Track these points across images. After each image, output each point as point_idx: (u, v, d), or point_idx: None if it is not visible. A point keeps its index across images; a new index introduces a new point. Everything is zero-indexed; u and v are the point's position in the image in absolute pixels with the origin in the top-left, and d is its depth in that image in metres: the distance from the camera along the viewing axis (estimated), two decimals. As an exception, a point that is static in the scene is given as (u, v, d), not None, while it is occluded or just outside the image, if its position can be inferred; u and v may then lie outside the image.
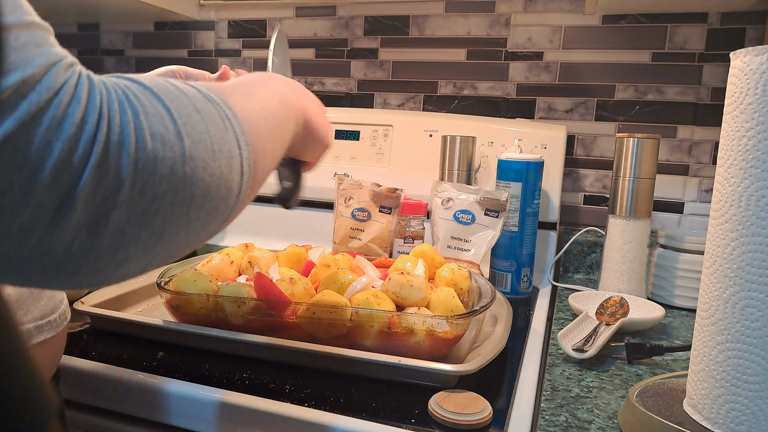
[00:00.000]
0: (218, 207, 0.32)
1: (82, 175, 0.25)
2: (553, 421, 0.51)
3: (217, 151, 0.31)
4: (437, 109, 1.18)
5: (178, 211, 0.29)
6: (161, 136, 0.27)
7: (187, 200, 0.29)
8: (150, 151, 0.27)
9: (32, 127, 0.23)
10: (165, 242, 0.29)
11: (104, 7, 1.24)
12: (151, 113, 0.28)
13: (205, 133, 0.30)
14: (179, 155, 0.28)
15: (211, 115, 0.31)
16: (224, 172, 0.31)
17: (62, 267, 0.26)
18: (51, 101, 0.24)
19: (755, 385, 0.42)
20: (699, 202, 1.04)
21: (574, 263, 1.07)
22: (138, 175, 0.26)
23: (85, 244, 0.26)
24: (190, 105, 0.30)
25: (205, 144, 0.30)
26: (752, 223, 0.42)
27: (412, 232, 0.94)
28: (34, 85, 0.24)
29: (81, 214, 0.25)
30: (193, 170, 0.29)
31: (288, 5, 1.24)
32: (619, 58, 1.05)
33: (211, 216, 0.31)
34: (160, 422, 0.56)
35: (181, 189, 0.28)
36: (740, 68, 0.43)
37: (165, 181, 0.27)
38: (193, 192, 0.29)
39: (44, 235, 0.25)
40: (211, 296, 0.62)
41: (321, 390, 0.55)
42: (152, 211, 0.27)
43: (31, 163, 0.23)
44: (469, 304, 0.68)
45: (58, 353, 0.50)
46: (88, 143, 0.25)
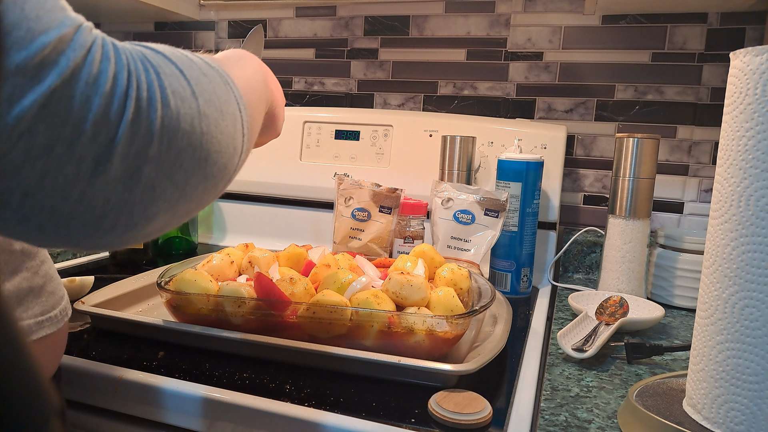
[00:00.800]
0: (227, 164, 0.33)
1: (118, 129, 0.26)
2: (553, 420, 0.51)
3: (225, 111, 0.33)
4: (437, 109, 1.18)
5: (197, 165, 0.30)
6: (180, 94, 0.29)
7: (204, 156, 0.31)
8: (173, 107, 0.28)
9: (73, 83, 0.24)
10: (187, 197, 0.31)
11: (104, 7, 1.24)
12: (168, 74, 0.29)
13: (213, 94, 0.32)
14: (196, 112, 0.30)
15: (216, 80, 0.33)
16: (231, 131, 0.33)
17: (101, 221, 0.27)
18: (85, 58, 0.25)
19: (755, 385, 0.42)
20: (699, 202, 1.04)
21: (573, 263, 1.07)
22: (165, 130, 0.28)
23: (122, 197, 0.27)
24: (197, 69, 0.32)
25: (215, 104, 0.32)
26: (752, 223, 0.42)
27: (412, 232, 0.94)
28: (69, 42, 0.25)
29: (118, 168, 0.26)
30: (207, 127, 0.31)
31: (288, 5, 1.24)
32: (618, 58, 1.05)
33: (222, 173, 0.33)
34: (160, 422, 0.56)
35: (199, 145, 0.30)
36: (740, 68, 0.43)
37: (186, 136, 0.29)
38: (209, 148, 0.31)
39: (86, 187, 0.26)
40: (211, 296, 0.62)
41: (321, 390, 0.55)
42: (177, 165, 0.29)
43: (74, 118, 0.24)
44: (469, 304, 0.68)
45: (59, 350, 0.50)
46: (122, 99, 0.26)
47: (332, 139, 1.13)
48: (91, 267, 0.99)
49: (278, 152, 1.15)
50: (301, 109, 1.18)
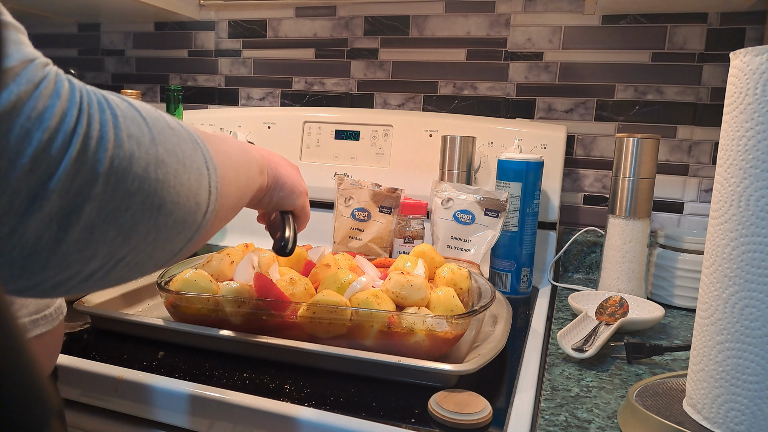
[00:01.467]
0: (186, 219, 0.32)
1: (59, 165, 0.25)
2: (553, 420, 0.51)
3: (188, 165, 0.32)
4: (437, 109, 1.18)
5: (147, 212, 0.29)
6: (137, 138, 0.29)
7: (157, 204, 0.30)
8: (126, 149, 0.28)
9: (12, 117, 0.24)
10: (131, 245, 0.30)
11: (104, 7, 1.24)
12: (129, 117, 0.29)
13: (177, 146, 0.32)
14: (153, 158, 0.29)
15: (183, 136, 0.33)
16: (193, 185, 0.32)
17: (30, 260, 0.26)
18: (31, 93, 0.25)
19: (754, 385, 0.42)
20: (699, 202, 1.04)
21: (573, 263, 1.07)
22: (113, 171, 0.27)
23: (55, 236, 0.26)
24: (164, 122, 0.32)
25: (177, 155, 0.31)
26: (752, 223, 0.42)
27: (412, 232, 0.94)
28: (14, 77, 0.24)
29: (55, 205, 0.25)
30: (165, 175, 0.30)
31: (288, 5, 1.24)
32: (618, 58, 1.05)
33: (178, 227, 0.32)
34: (160, 422, 0.56)
35: (152, 191, 0.29)
36: (740, 68, 0.43)
37: (138, 180, 0.28)
38: (163, 196, 0.30)
39: (17, 224, 0.25)
40: (211, 296, 0.62)
41: (321, 390, 0.55)
42: (123, 209, 0.28)
43: (10, 151, 0.24)
44: (469, 304, 0.68)
45: (55, 349, 0.50)
46: (67, 135, 0.25)
47: (332, 139, 1.13)
48: (91, 267, 0.99)
49: (278, 152, 1.14)
50: (301, 109, 1.18)
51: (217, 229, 0.38)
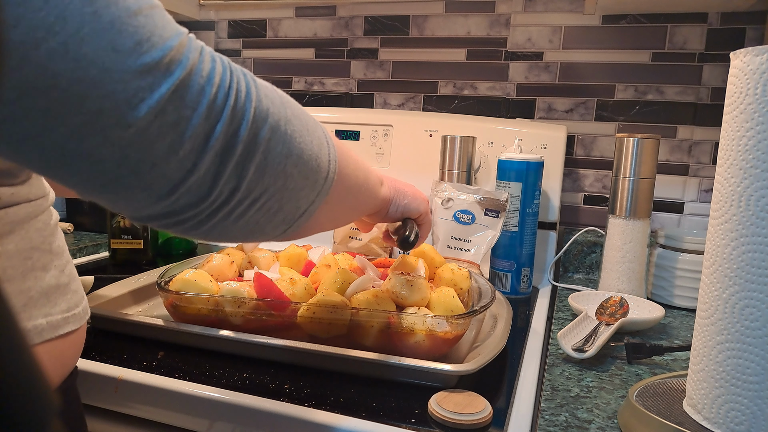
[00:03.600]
0: (309, 176, 0.38)
1: (222, 113, 0.31)
2: (553, 420, 0.51)
3: (311, 131, 0.38)
4: (437, 109, 1.18)
5: (278, 157, 0.35)
6: (270, 99, 0.35)
7: (285, 153, 0.35)
8: (264, 105, 0.34)
9: (193, 75, 0.30)
10: (265, 185, 0.35)
11: (104, 7, 1.23)
12: (261, 85, 0.35)
13: (302, 116, 0.38)
14: (283, 117, 0.36)
15: (306, 113, 0.39)
16: (315, 149, 0.38)
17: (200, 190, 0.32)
18: (199, 57, 0.31)
19: (755, 385, 0.42)
20: (699, 202, 1.04)
21: (574, 263, 1.07)
22: (254, 121, 0.33)
23: (217, 169, 0.32)
24: (288, 97, 0.38)
25: (302, 120, 0.38)
26: (752, 223, 0.42)
27: (412, 232, 0.94)
28: (186, 45, 0.31)
29: (220, 144, 0.32)
30: (292, 132, 0.36)
31: (288, 5, 1.24)
32: (618, 58, 1.05)
33: (303, 181, 0.38)
34: (160, 422, 0.56)
35: (281, 142, 0.35)
36: (740, 68, 0.43)
37: (271, 130, 0.34)
38: (290, 148, 0.36)
39: (197, 159, 0.31)
40: (211, 296, 0.62)
41: (321, 390, 0.55)
42: (260, 151, 0.34)
43: (194, 101, 0.30)
44: (469, 304, 0.68)
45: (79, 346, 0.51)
46: (226, 89, 0.32)
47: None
48: (91, 267, 0.99)
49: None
50: (301, 109, 1.18)
51: (333, 217, 0.45)
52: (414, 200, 0.60)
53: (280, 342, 0.59)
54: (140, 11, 0.29)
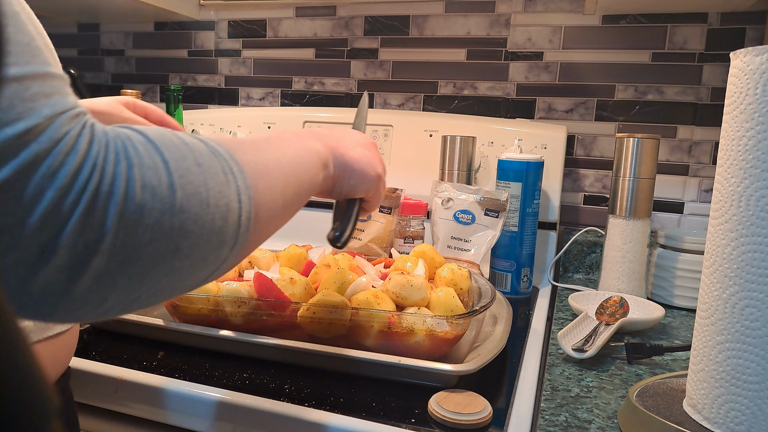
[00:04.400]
0: (206, 258, 0.32)
1: (68, 221, 0.26)
2: (553, 420, 0.51)
3: (213, 204, 0.31)
4: (437, 109, 1.18)
5: (160, 260, 0.29)
6: (152, 188, 0.28)
7: (171, 250, 0.29)
8: (138, 201, 0.27)
9: (29, 175, 0.24)
10: (146, 287, 0.30)
11: (104, 7, 1.24)
12: (147, 165, 0.28)
13: (202, 186, 0.31)
14: (168, 206, 0.29)
15: (213, 169, 0.32)
16: (218, 225, 0.32)
17: (39, 306, 0.27)
18: (50, 151, 0.25)
19: (755, 385, 0.42)
20: (699, 202, 1.04)
21: (574, 263, 1.07)
22: (122, 225, 0.27)
23: (63, 287, 0.27)
24: (192, 158, 0.31)
25: (200, 196, 0.31)
26: (752, 223, 0.42)
27: (412, 232, 0.94)
28: (37, 135, 0.25)
29: (62, 259, 0.26)
30: (181, 222, 0.29)
31: (288, 5, 1.24)
32: (619, 58, 1.05)
33: (198, 265, 0.32)
34: (160, 422, 0.56)
35: (166, 239, 0.29)
36: (740, 68, 0.43)
37: (149, 230, 0.28)
38: (178, 243, 0.30)
39: (27, 275, 0.26)
40: (211, 296, 0.62)
41: (321, 390, 0.55)
42: (133, 259, 0.28)
43: (23, 209, 0.24)
44: (469, 304, 0.68)
45: (72, 345, 0.51)
46: (78, 192, 0.26)
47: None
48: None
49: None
50: (301, 109, 1.18)
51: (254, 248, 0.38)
52: (362, 180, 0.53)
53: (280, 342, 0.59)
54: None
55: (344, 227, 0.53)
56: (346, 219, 0.54)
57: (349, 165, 0.51)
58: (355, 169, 0.52)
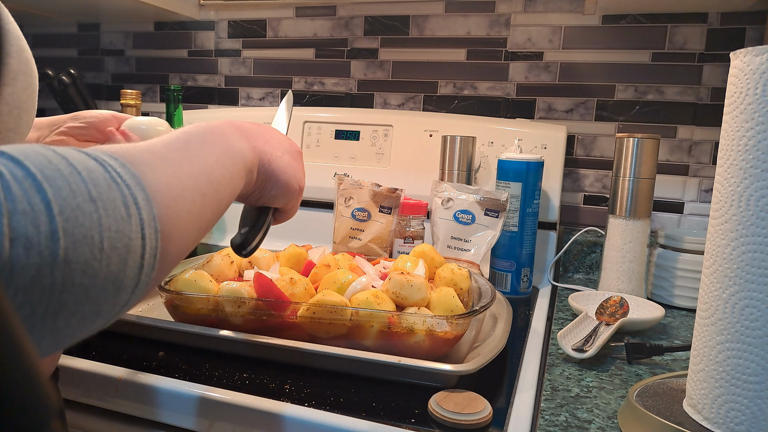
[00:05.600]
0: (100, 309, 0.28)
1: None
2: (553, 420, 0.51)
3: (107, 248, 0.27)
4: (437, 109, 1.18)
5: (39, 322, 0.25)
6: (27, 239, 0.23)
7: (53, 310, 0.25)
8: (6, 259, 0.23)
9: None
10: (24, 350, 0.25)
11: (104, 7, 1.24)
12: (21, 210, 0.23)
13: (95, 228, 0.26)
14: (48, 259, 0.24)
15: (112, 203, 0.27)
16: (113, 270, 0.27)
17: None
18: None
19: (755, 385, 0.42)
20: (699, 202, 1.04)
21: (574, 263, 1.07)
22: None
23: None
24: (84, 192, 0.26)
25: (91, 241, 0.26)
26: (752, 223, 0.42)
27: (412, 232, 0.94)
28: None
29: None
30: (66, 276, 0.25)
31: (288, 5, 1.24)
32: (618, 58, 1.05)
33: (88, 321, 0.28)
34: (160, 422, 0.56)
35: (46, 298, 0.24)
36: (740, 68, 0.43)
37: (22, 292, 0.23)
38: (63, 300, 0.25)
39: None
40: (211, 296, 0.62)
41: (321, 390, 0.55)
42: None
43: None
44: (469, 304, 0.68)
45: None
46: None
47: (332, 139, 1.13)
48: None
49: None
50: (301, 109, 1.18)
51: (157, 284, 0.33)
52: (284, 192, 0.49)
53: (280, 342, 0.59)
54: None
55: (253, 236, 0.50)
56: (257, 228, 0.50)
57: (275, 174, 0.47)
58: (279, 179, 0.47)
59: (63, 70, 1.23)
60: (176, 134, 0.37)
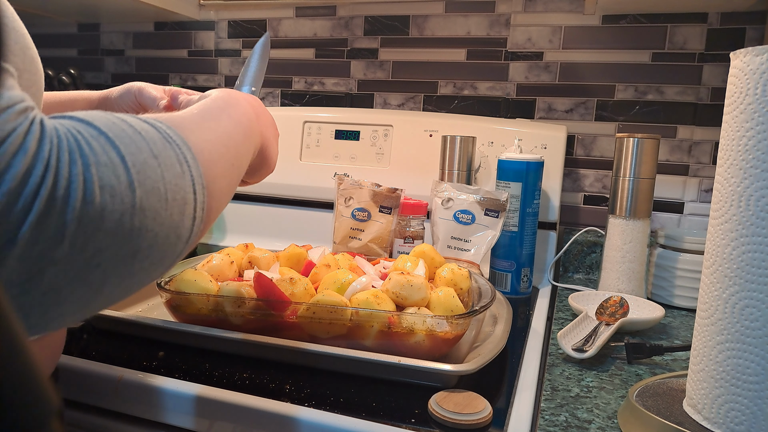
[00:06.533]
0: (165, 255, 0.30)
1: (19, 230, 0.23)
2: (553, 420, 0.51)
3: (171, 200, 0.29)
4: (437, 109, 1.18)
5: (120, 264, 0.27)
6: (111, 188, 0.26)
7: (131, 253, 0.27)
8: (97, 204, 0.25)
9: None
10: (104, 295, 0.28)
11: (104, 7, 1.24)
12: (103, 163, 0.26)
13: (160, 181, 0.29)
14: (129, 206, 0.27)
15: (169, 160, 0.30)
16: (175, 220, 0.30)
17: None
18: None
19: (755, 385, 0.42)
20: (699, 202, 1.04)
21: (574, 263, 1.07)
22: (81, 231, 0.25)
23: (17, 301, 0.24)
24: (147, 150, 0.29)
25: (159, 193, 0.29)
26: (752, 223, 0.42)
27: (412, 232, 0.94)
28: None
29: (14, 271, 0.23)
30: (142, 221, 0.27)
31: (288, 5, 1.24)
32: (618, 58, 1.05)
33: (155, 265, 0.30)
34: (160, 422, 0.56)
35: (126, 242, 0.27)
36: (740, 68, 0.43)
37: (110, 235, 0.26)
38: (139, 244, 0.28)
39: None
40: (211, 296, 0.62)
41: (321, 390, 0.55)
42: (92, 266, 0.26)
43: None
44: (469, 304, 0.68)
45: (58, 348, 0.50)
46: (29, 197, 0.23)
47: (332, 139, 1.13)
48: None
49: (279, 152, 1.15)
50: (301, 109, 1.18)
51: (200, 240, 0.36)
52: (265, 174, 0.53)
53: (280, 342, 0.59)
54: None
55: None
56: None
57: (267, 158, 0.49)
58: (269, 164, 0.50)
59: (63, 70, 1.23)
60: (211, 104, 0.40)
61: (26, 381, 0.20)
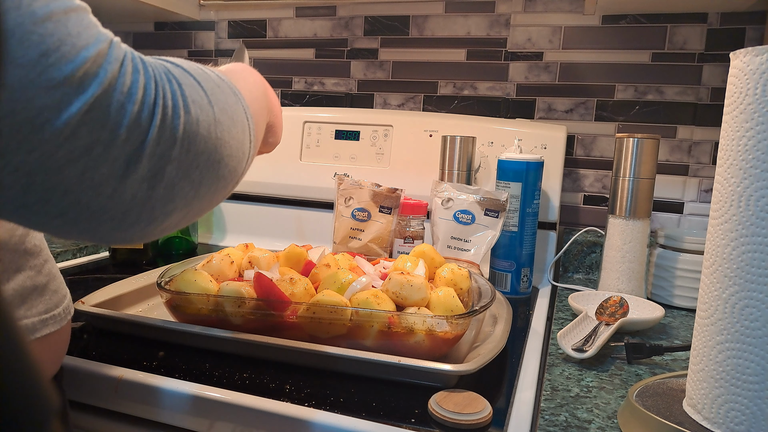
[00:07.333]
0: (237, 167, 0.36)
1: (148, 133, 0.29)
2: (553, 420, 0.51)
3: (235, 119, 0.36)
4: (437, 109, 1.18)
5: (211, 167, 0.33)
6: (199, 103, 0.32)
7: (218, 159, 0.33)
8: (193, 114, 0.31)
9: (111, 91, 0.27)
10: (200, 196, 0.34)
11: (104, 7, 1.24)
12: (188, 84, 0.32)
13: (226, 103, 0.35)
14: (212, 119, 0.33)
15: (226, 90, 0.36)
16: (240, 137, 0.36)
17: (126, 215, 0.30)
18: (120, 70, 0.28)
19: (755, 385, 0.42)
20: (699, 202, 1.04)
21: (573, 263, 1.07)
22: (186, 134, 0.31)
23: (146, 194, 0.30)
24: (212, 81, 0.35)
25: (227, 112, 0.35)
26: (752, 223, 0.42)
27: (412, 232, 0.94)
28: (105, 56, 0.28)
29: (144, 168, 0.29)
30: (221, 133, 0.34)
31: (288, 5, 1.24)
32: (618, 58, 1.05)
33: (231, 175, 0.36)
34: (160, 422, 0.56)
35: (214, 149, 0.33)
36: (740, 68, 0.43)
37: (203, 140, 0.32)
38: (222, 151, 0.34)
39: (118, 185, 0.28)
40: (211, 296, 0.62)
41: (321, 390, 0.55)
42: (194, 166, 0.32)
43: (111, 122, 0.27)
44: (469, 304, 0.68)
45: (62, 348, 0.51)
46: (151, 106, 0.29)
47: (332, 139, 1.13)
48: (91, 267, 0.99)
49: (278, 152, 1.14)
50: (301, 109, 1.18)
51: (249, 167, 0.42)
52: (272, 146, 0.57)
53: (280, 342, 0.59)
54: (50, 17, 0.25)
55: None
56: None
57: (274, 130, 0.54)
58: (277, 133, 0.55)
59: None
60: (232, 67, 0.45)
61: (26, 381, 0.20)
